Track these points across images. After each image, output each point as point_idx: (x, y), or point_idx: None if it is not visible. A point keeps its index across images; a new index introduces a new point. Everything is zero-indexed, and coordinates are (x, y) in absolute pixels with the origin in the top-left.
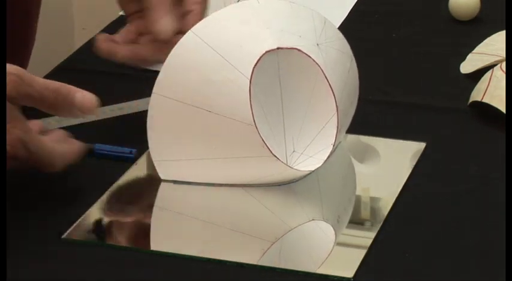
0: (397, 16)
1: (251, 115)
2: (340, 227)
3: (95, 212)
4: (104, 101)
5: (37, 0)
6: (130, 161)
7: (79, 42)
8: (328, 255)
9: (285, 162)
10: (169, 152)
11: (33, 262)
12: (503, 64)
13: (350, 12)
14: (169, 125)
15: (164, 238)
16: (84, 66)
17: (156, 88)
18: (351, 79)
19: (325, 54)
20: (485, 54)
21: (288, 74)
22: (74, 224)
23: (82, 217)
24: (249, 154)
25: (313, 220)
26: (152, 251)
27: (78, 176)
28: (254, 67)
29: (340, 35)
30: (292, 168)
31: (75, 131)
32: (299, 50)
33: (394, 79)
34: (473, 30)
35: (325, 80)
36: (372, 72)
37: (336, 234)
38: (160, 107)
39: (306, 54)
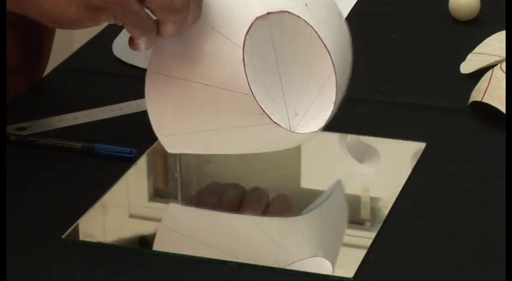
0: (397, 16)
1: (247, 84)
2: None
3: (95, 212)
4: (104, 101)
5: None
6: (131, 161)
7: (79, 42)
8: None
9: (288, 126)
10: (170, 127)
11: (33, 262)
12: (503, 64)
13: (350, 12)
14: (167, 101)
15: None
16: (84, 66)
17: (150, 66)
18: (343, 36)
19: (314, 14)
20: (485, 54)
21: (281, 38)
22: (74, 224)
23: (82, 217)
24: (249, 122)
25: (315, 256)
26: (152, 251)
27: (78, 176)
28: (246, 35)
29: None
30: (294, 132)
31: (75, 131)
32: (289, 12)
33: (394, 79)
34: (473, 30)
35: (319, 40)
36: (372, 72)
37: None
38: (156, 84)
39: (297, 15)
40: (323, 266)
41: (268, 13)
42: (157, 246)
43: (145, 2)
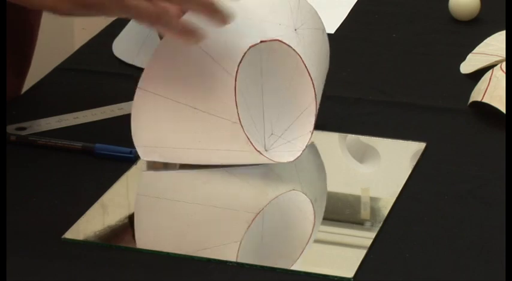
0: (397, 16)
1: (236, 114)
2: (319, 205)
3: (95, 212)
4: (104, 101)
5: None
6: (131, 161)
7: (79, 42)
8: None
9: (262, 144)
10: (149, 139)
11: (33, 262)
12: (503, 64)
13: (350, 12)
14: (153, 118)
15: (151, 231)
16: (84, 66)
17: (141, 83)
18: (324, 54)
19: (302, 38)
20: (485, 54)
21: (269, 64)
22: (74, 224)
23: (82, 217)
24: (233, 148)
25: (293, 189)
26: (152, 251)
27: (78, 176)
28: (239, 64)
29: (313, 9)
30: (272, 160)
31: (75, 131)
32: (280, 40)
33: (394, 79)
34: (473, 30)
35: (305, 70)
36: (372, 72)
37: (314, 211)
38: (142, 100)
39: (287, 44)
40: (301, 202)
41: (261, 41)
42: (139, 215)
43: None
